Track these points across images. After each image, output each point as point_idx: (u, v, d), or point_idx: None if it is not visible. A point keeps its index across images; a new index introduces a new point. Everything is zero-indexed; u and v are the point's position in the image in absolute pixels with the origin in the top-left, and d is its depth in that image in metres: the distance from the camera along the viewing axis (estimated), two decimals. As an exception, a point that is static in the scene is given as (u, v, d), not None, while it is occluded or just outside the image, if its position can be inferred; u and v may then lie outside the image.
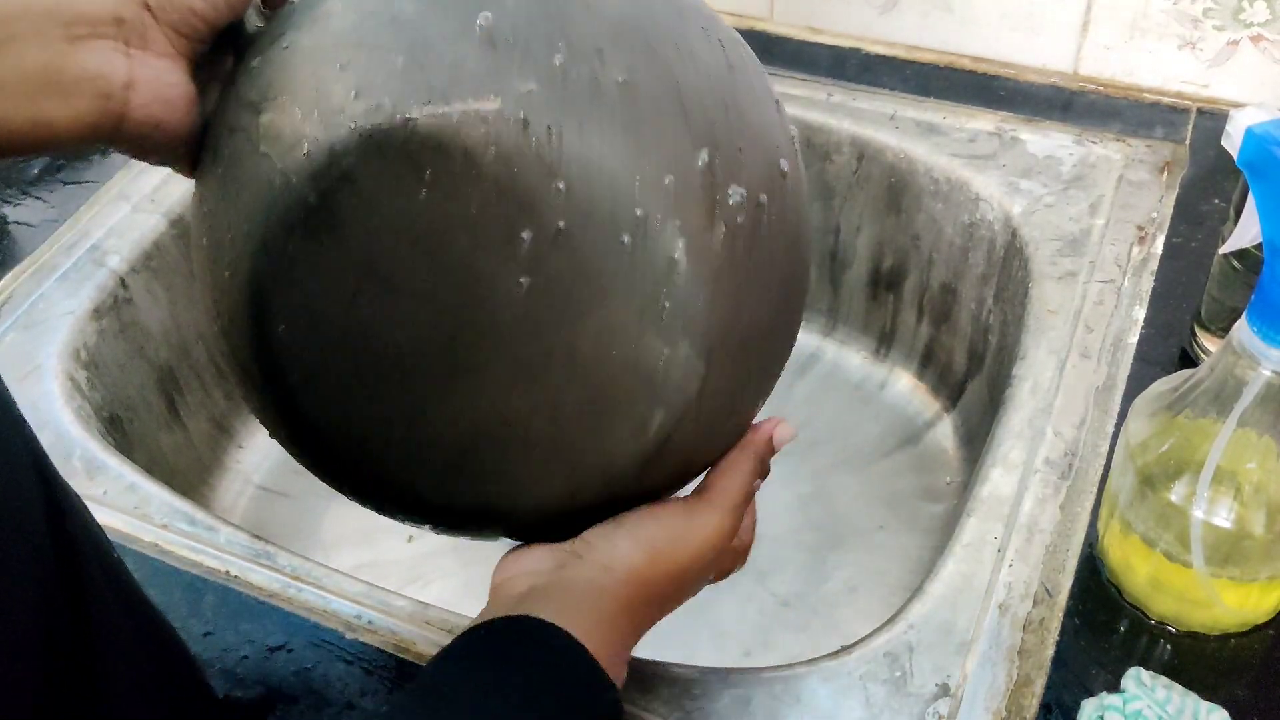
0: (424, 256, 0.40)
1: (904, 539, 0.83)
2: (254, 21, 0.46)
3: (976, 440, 0.82)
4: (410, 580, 0.82)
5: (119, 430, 0.79)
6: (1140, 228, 0.76)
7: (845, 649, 0.57)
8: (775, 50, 0.92)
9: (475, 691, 0.39)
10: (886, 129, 0.85)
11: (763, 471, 0.49)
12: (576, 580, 0.44)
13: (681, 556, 0.46)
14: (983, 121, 0.85)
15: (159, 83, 0.41)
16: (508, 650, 0.41)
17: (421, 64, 0.40)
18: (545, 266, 0.40)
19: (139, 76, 0.41)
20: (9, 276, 0.82)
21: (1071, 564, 0.60)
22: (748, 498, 0.48)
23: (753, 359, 0.46)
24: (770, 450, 0.50)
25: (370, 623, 0.60)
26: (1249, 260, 0.63)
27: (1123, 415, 0.65)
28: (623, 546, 0.45)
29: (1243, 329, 0.49)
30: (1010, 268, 0.79)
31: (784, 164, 0.45)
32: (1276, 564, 0.53)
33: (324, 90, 0.41)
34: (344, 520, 0.87)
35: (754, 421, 0.49)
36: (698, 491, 0.48)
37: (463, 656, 0.41)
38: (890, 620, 0.58)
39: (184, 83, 0.43)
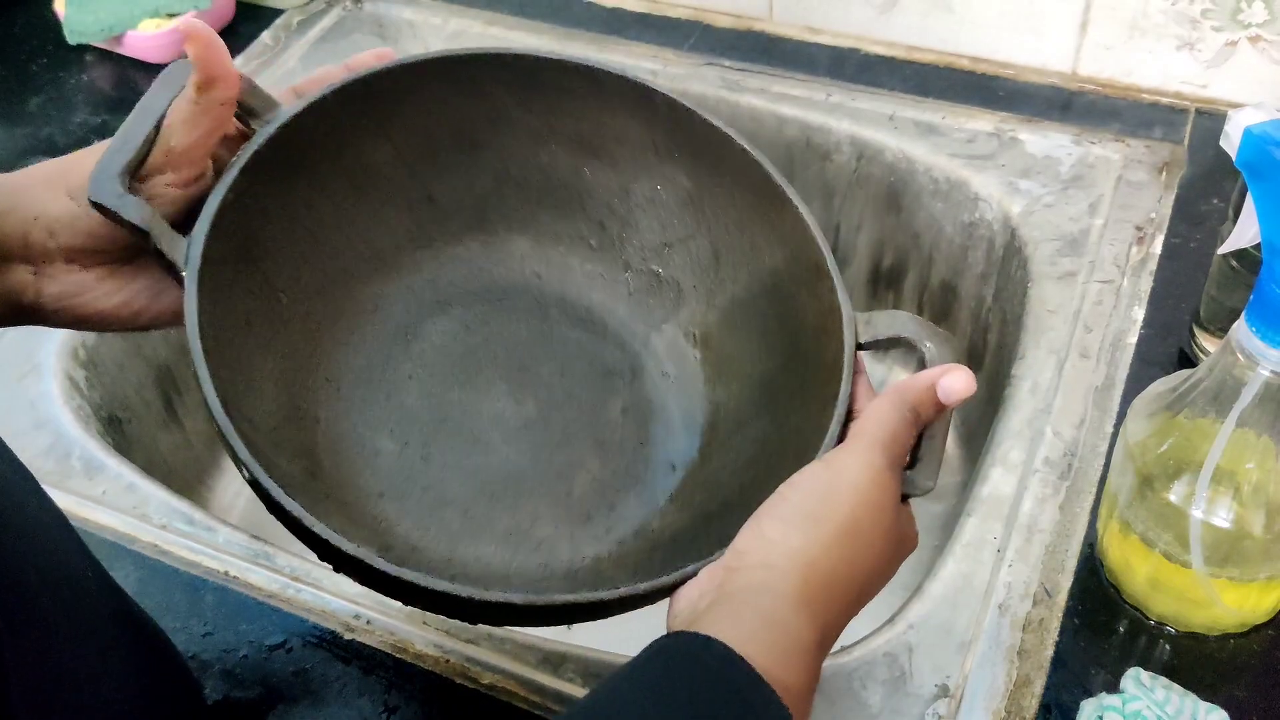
0: None
1: (903, 539, 0.83)
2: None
3: (976, 440, 0.82)
4: (409, 580, 0.82)
5: (117, 430, 0.79)
6: (1139, 228, 0.76)
7: (844, 649, 0.57)
8: (774, 50, 0.92)
9: (625, 708, 0.38)
10: (886, 129, 0.85)
11: (916, 421, 0.44)
12: (737, 591, 0.40)
13: (841, 510, 0.41)
14: (982, 121, 0.85)
15: (62, 293, 0.47)
16: (661, 667, 0.39)
17: None
18: None
19: (44, 290, 0.46)
20: (8, 276, 0.82)
21: (1071, 564, 0.60)
22: (896, 437, 0.43)
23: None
24: (928, 399, 0.44)
25: (369, 622, 0.60)
26: (1248, 260, 0.63)
27: (1122, 415, 0.65)
28: (774, 534, 0.41)
29: (1241, 329, 0.49)
30: (1009, 267, 0.79)
31: None
32: (1275, 564, 0.53)
33: None
34: (343, 520, 0.87)
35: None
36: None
37: (618, 678, 0.39)
38: (890, 620, 0.58)
39: (97, 283, 0.47)
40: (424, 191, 0.55)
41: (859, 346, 0.49)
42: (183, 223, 0.47)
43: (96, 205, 0.44)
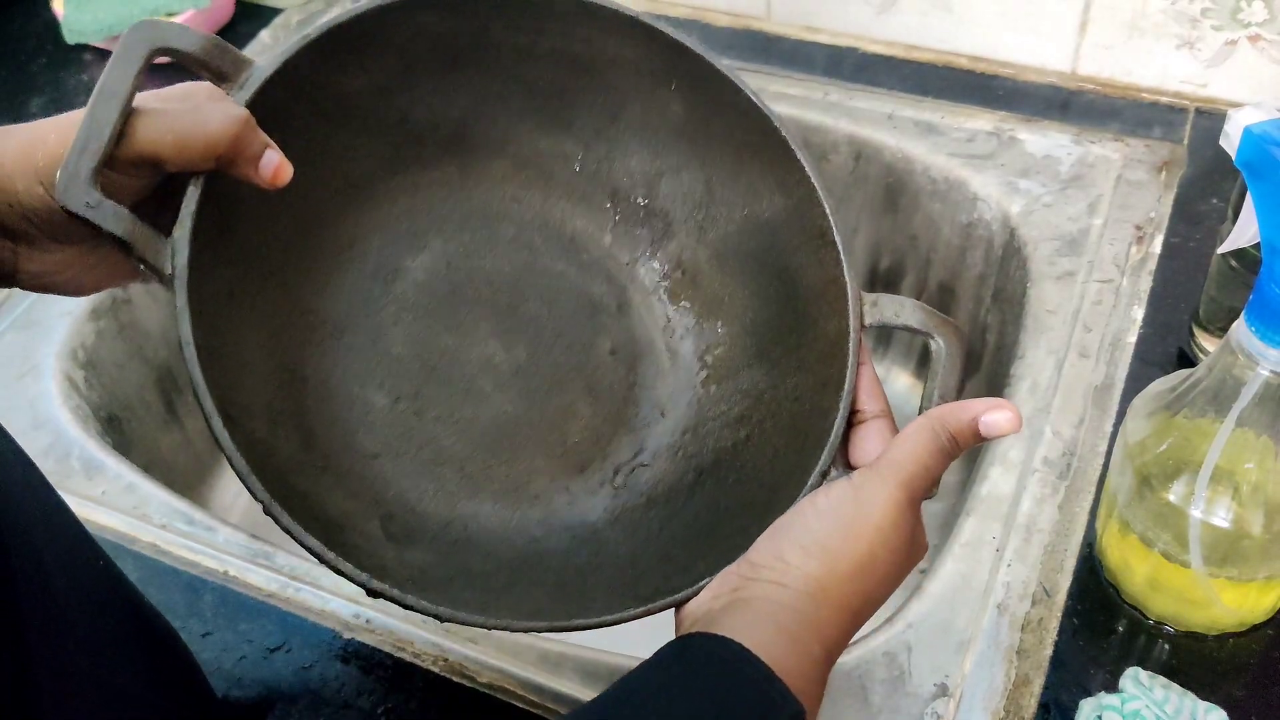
0: None
1: (902, 538, 0.83)
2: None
3: (975, 440, 0.82)
4: (408, 580, 0.82)
5: (117, 430, 0.79)
6: (1138, 227, 0.76)
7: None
8: (772, 50, 0.92)
9: (643, 705, 0.39)
10: (884, 128, 0.85)
11: (954, 451, 0.44)
12: (752, 599, 0.41)
13: (860, 548, 0.42)
14: (981, 121, 0.85)
15: (42, 270, 0.45)
16: (682, 664, 0.40)
17: None
18: None
19: (23, 267, 0.45)
20: (7, 276, 0.82)
21: (1070, 564, 0.60)
22: (928, 471, 0.43)
23: None
24: (969, 431, 0.44)
25: (368, 622, 0.60)
26: (1247, 260, 0.63)
27: (1121, 415, 0.65)
28: (793, 559, 0.41)
29: (1241, 329, 0.49)
30: (1008, 267, 0.79)
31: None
32: (1274, 564, 0.53)
33: None
34: (342, 520, 0.87)
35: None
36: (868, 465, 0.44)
37: (639, 674, 0.40)
38: (889, 619, 0.58)
39: (79, 258, 0.45)
40: (398, 114, 0.52)
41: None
42: (150, 199, 0.44)
43: (67, 212, 0.41)
